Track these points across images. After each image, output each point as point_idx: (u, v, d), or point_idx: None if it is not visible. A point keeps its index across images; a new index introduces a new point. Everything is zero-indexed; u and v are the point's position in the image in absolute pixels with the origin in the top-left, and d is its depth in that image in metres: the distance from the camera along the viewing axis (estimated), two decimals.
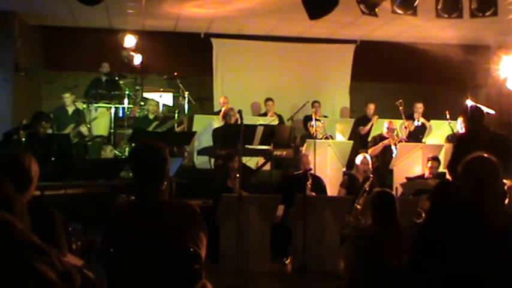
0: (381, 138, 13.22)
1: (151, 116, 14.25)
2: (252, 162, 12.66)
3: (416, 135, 14.10)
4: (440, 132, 14.31)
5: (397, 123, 13.62)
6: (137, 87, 15.64)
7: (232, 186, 10.41)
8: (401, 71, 17.29)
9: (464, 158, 8.90)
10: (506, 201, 5.79)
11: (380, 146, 13.00)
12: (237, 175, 9.91)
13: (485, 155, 4.38)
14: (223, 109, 13.34)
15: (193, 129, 13.99)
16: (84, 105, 14.55)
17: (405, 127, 13.92)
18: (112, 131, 14.60)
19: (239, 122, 10.67)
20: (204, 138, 13.53)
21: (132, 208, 4.44)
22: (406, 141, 13.26)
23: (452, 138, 12.67)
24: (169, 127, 14.11)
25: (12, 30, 14.11)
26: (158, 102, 15.10)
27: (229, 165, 10.63)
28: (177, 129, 14.55)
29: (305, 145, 12.55)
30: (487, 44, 15.70)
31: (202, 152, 12.81)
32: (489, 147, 8.26)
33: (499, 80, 14.33)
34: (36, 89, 16.75)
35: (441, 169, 11.43)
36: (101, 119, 14.52)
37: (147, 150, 4.35)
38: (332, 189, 11.82)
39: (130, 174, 4.71)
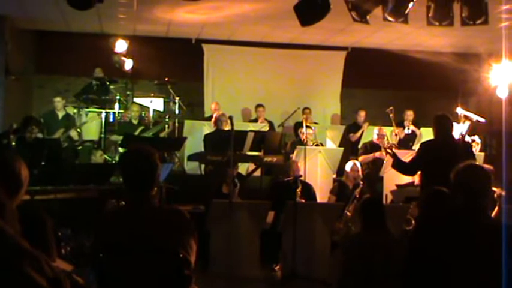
0: (371, 145, 13.21)
1: (134, 121, 14.21)
2: (242, 168, 12.66)
3: (407, 143, 14.12)
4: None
5: (388, 131, 13.63)
6: (128, 92, 15.62)
7: (228, 193, 10.37)
8: (392, 78, 17.32)
9: (423, 164, 9.11)
10: (496, 209, 5.81)
11: (371, 157, 12.99)
12: (237, 182, 9.91)
13: (477, 163, 4.42)
14: (214, 115, 13.34)
15: (184, 135, 13.98)
16: (75, 110, 14.53)
17: (396, 134, 13.94)
18: (102, 135, 14.57)
19: (229, 128, 10.67)
20: (194, 144, 13.52)
21: (122, 213, 4.44)
22: (396, 148, 13.26)
23: None
24: (155, 132, 14.10)
25: (3, 34, 14.07)
26: (144, 106, 15.07)
27: (228, 171, 10.57)
28: (162, 134, 14.51)
29: (295, 152, 12.55)
30: (477, 52, 15.74)
31: (192, 157, 12.79)
32: (452, 156, 8.42)
33: (489, 88, 14.36)
34: (27, 93, 16.73)
35: None
36: (91, 124, 14.51)
37: (137, 156, 4.35)
38: (322, 196, 11.81)
39: (121, 179, 4.70)
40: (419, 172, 11.44)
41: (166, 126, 14.81)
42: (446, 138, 9.24)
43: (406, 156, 12.35)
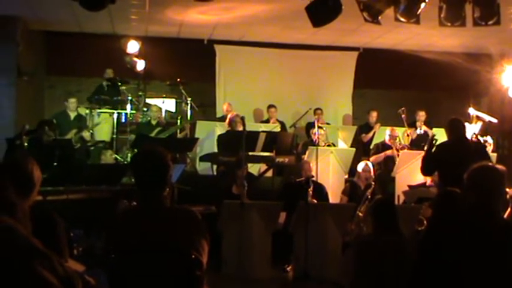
0: (383, 145, 13.21)
1: (153, 122, 14.27)
2: (254, 168, 12.65)
3: (419, 143, 14.07)
4: (443, 140, 14.29)
5: (400, 131, 13.60)
6: (140, 93, 15.64)
7: (238, 193, 10.37)
8: (403, 78, 17.27)
9: (436, 165, 9.20)
10: (508, 210, 5.78)
11: (382, 155, 12.99)
12: (245, 183, 9.90)
13: (490, 164, 4.40)
14: (229, 116, 13.35)
15: (196, 136, 13.99)
16: (87, 111, 14.56)
17: (407, 135, 13.91)
18: (114, 136, 14.59)
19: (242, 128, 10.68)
20: (206, 145, 13.54)
21: (134, 214, 4.44)
22: (408, 149, 13.24)
23: None
24: (171, 133, 14.12)
25: (14, 35, 14.09)
26: (161, 108, 15.11)
27: (237, 172, 10.56)
28: (179, 135, 14.56)
29: (307, 152, 12.55)
30: (489, 53, 15.69)
31: (204, 158, 12.80)
32: (466, 157, 8.45)
33: (501, 89, 14.33)
34: (38, 94, 16.76)
35: None
36: (103, 125, 14.54)
37: (149, 156, 4.35)
38: (334, 196, 11.80)
39: (133, 180, 4.71)
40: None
41: (180, 128, 14.82)
42: (459, 140, 9.28)
43: (418, 157, 12.35)
